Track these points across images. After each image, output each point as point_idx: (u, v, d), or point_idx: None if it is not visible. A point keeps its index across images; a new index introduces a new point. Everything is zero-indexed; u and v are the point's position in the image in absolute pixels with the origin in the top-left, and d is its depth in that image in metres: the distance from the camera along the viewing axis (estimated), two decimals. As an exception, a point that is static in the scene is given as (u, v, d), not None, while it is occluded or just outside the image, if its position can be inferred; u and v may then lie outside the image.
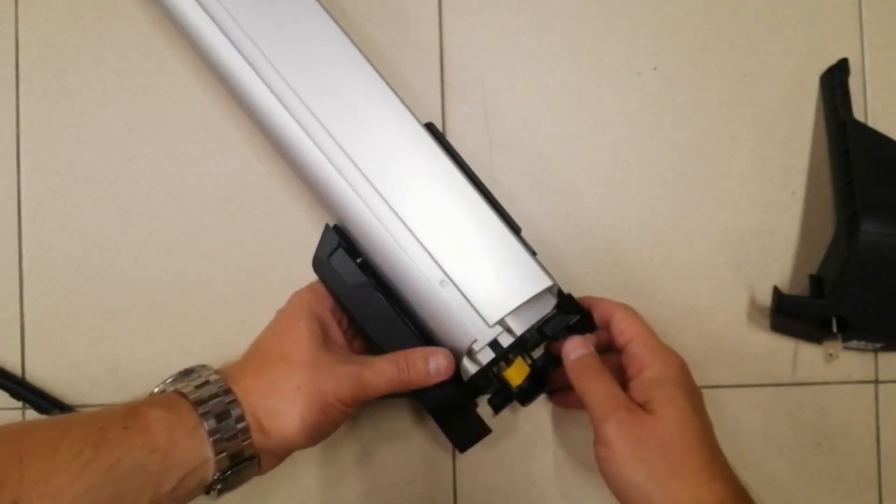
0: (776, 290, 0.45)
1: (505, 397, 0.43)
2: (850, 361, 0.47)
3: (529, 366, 0.41)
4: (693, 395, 0.38)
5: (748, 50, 0.47)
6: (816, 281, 0.44)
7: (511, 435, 0.47)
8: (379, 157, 0.40)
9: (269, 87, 0.40)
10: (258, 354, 0.40)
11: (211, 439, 0.34)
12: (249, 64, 0.40)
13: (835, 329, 0.43)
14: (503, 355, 0.40)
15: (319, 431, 0.38)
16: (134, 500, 0.32)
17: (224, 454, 0.35)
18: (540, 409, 0.47)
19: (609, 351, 0.42)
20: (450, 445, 0.46)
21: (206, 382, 0.37)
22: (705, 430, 0.37)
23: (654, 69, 0.47)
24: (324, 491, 0.46)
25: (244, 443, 0.36)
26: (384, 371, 0.38)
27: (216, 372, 0.38)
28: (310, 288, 0.42)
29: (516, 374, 0.41)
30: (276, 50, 0.40)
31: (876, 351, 0.47)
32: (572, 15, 0.48)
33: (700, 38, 0.47)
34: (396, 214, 0.39)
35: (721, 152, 0.47)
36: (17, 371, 0.46)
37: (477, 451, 0.46)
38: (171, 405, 0.35)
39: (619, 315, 0.40)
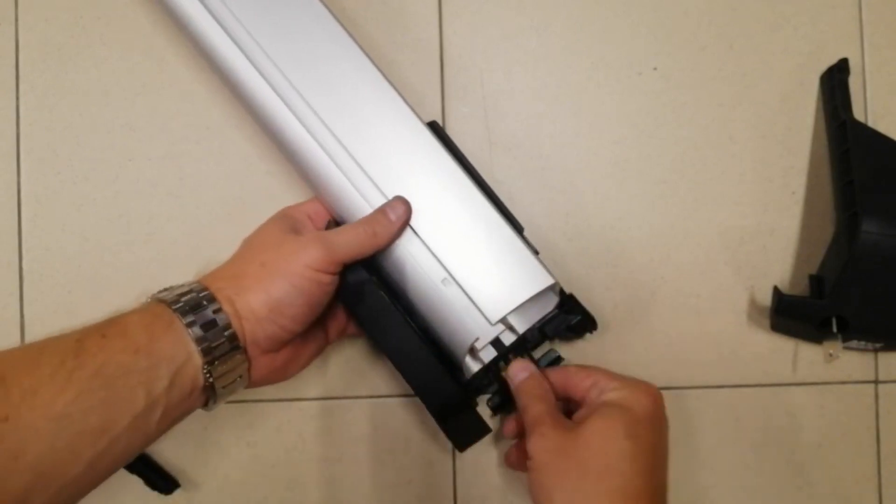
0: (776, 290, 0.45)
1: (504, 398, 0.43)
2: (850, 361, 0.47)
3: None
4: (644, 426, 0.36)
5: (748, 50, 0.47)
6: (816, 281, 0.44)
7: (511, 435, 0.47)
8: (381, 156, 0.40)
9: (271, 85, 0.40)
10: (233, 255, 0.40)
11: (189, 330, 0.34)
12: (252, 62, 0.40)
13: (835, 329, 0.43)
14: (505, 354, 0.40)
15: (289, 306, 0.36)
16: (128, 401, 0.32)
17: (206, 344, 0.34)
18: (540, 409, 0.47)
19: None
20: (450, 445, 0.46)
21: (181, 286, 0.37)
22: (641, 457, 0.35)
23: (654, 69, 0.47)
24: (324, 490, 0.46)
25: (225, 332, 0.35)
26: (347, 230, 0.38)
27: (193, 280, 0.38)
28: (291, 205, 0.43)
29: None
30: (279, 48, 0.40)
31: (876, 351, 0.47)
32: (572, 15, 0.48)
33: (700, 38, 0.47)
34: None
35: (721, 152, 0.47)
36: (17, 371, 0.46)
37: (477, 451, 0.46)
38: (147, 309, 0.35)
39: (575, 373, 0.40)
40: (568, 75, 0.47)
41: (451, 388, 0.40)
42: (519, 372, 0.40)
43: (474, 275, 0.39)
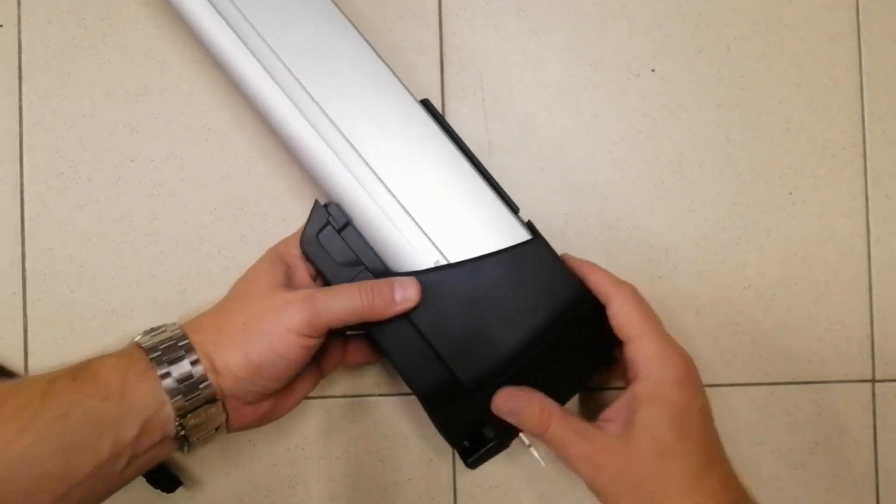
0: None
1: None
2: (848, 361, 0.47)
3: None
4: (685, 412, 0.35)
5: (745, 51, 0.48)
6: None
7: (510, 433, 0.47)
8: (374, 134, 0.39)
9: (256, 57, 0.39)
10: (221, 300, 0.39)
11: (163, 381, 0.33)
12: (241, 39, 0.39)
13: None
14: None
15: (270, 369, 0.35)
16: (92, 448, 0.31)
17: (180, 396, 0.33)
18: (539, 408, 0.47)
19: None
20: (449, 444, 0.46)
21: (163, 331, 0.36)
22: (690, 452, 0.35)
23: (653, 71, 0.48)
24: (324, 488, 0.47)
25: (201, 385, 0.34)
26: (341, 293, 0.36)
27: (177, 324, 0.37)
28: (285, 239, 0.41)
29: None
30: (268, 22, 0.39)
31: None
32: (571, 17, 0.48)
33: (697, 40, 0.48)
34: (392, 194, 0.39)
35: (718, 153, 0.47)
36: (20, 370, 0.46)
37: (476, 450, 0.46)
38: (124, 354, 0.34)
39: (615, 308, 0.38)
40: (567, 77, 0.48)
41: (442, 377, 0.38)
42: (507, 398, 0.38)
43: (469, 257, 0.39)
